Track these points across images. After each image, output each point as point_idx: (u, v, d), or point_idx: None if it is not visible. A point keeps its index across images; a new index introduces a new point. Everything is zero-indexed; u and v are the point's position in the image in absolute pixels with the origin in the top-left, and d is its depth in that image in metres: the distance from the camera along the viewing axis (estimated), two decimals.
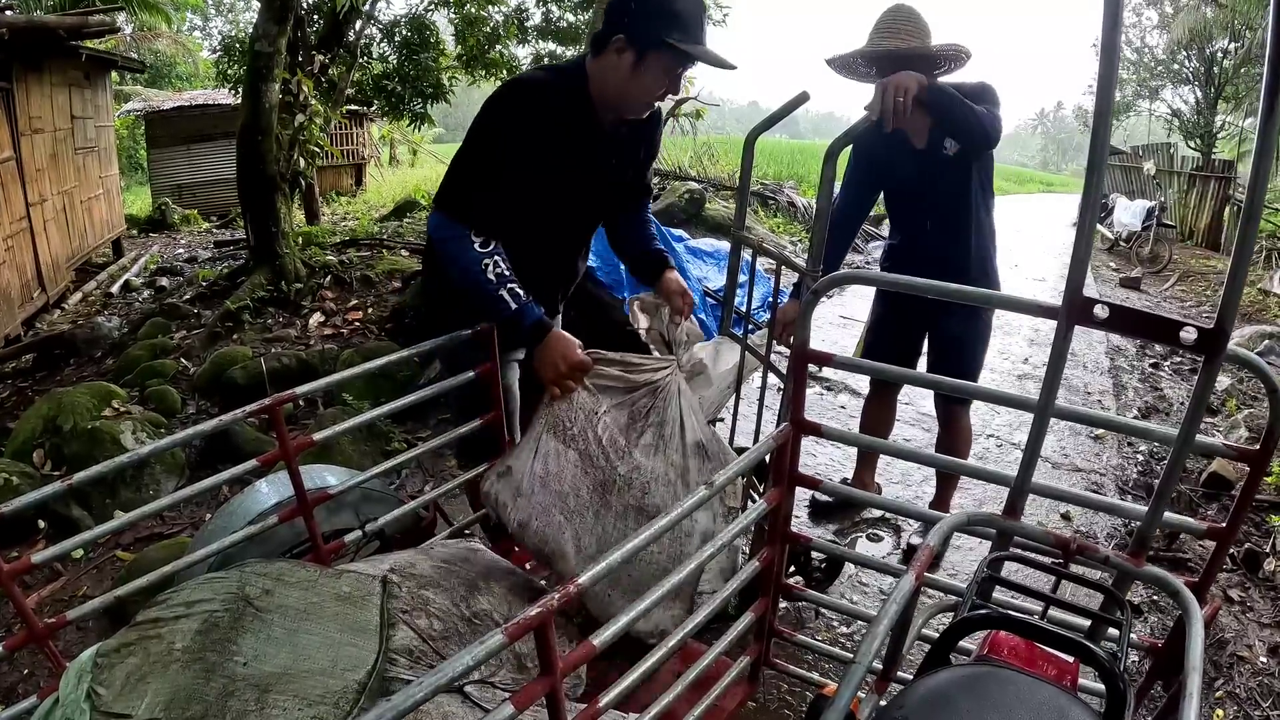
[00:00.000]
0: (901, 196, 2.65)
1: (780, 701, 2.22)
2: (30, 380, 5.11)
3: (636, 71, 1.92)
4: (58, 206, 7.39)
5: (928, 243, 2.54)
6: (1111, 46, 0.90)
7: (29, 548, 3.02)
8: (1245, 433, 3.91)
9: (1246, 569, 2.87)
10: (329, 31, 6.99)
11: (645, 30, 1.88)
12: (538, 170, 1.92)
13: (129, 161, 17.24)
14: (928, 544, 1.05)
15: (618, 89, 1.96)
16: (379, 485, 2.14)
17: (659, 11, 1.88)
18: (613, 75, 1.94)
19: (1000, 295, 1.26)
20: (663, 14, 1.87)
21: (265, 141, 5.43)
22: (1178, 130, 18.73)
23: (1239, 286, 0.96)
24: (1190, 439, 1.06)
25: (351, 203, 14.33)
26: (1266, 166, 0.93)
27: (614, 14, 1.94)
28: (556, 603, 0.91)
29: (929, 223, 2.53)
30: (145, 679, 1.29)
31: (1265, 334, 5.59)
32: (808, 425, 1.54)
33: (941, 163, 2.38)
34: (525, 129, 1.89)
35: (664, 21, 1.87)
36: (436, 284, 2.21)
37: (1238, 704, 2.26)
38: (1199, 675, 0.84)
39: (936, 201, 2.48)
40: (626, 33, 1.90)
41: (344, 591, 1.44)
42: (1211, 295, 8.46)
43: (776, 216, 11.76)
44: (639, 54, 1.90)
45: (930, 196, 2.48)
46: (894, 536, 3.12)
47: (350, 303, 5.60)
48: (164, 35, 17.12)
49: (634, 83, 1.94)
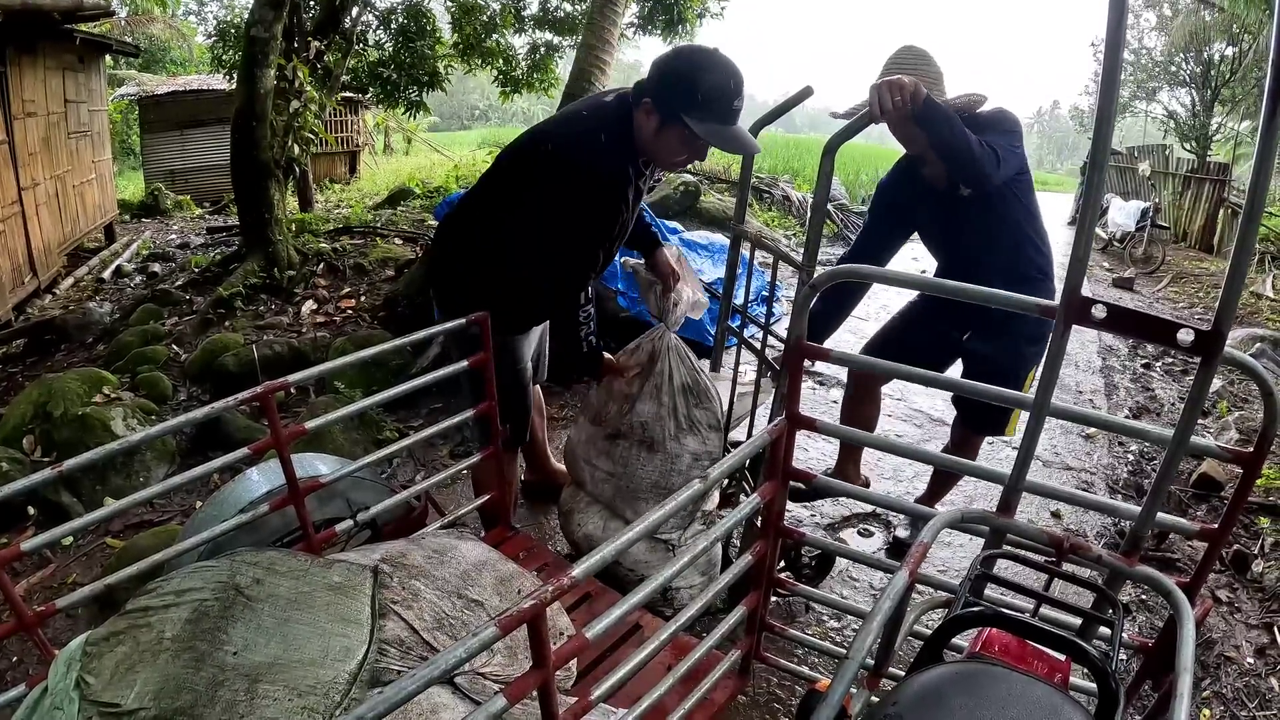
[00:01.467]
0: (930, 237, 2.55)
1: (770, 696, 2.22)
2: (21, 366, 5.07)
3: (659, 136, 2.00)
4: (50, 191, 7.31)
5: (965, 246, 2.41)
6: (1116, 45, 0.90)
7: (19, 534, 3.00)
8: (1236, 434, 3.93)
9: (1235, 570, 2.89)
10: (325, 18, 6.93)
11: (668, 102, 1.95)
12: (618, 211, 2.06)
13: (122, 146, 17.08)
14: (922, 540, 1.05)
15: (647, 146, 2.05)
16: (370, 475, 2.14)
17: (684, 89, 1.93)
18: (642, 133, 2.02)
19: (999, 294, 1.25)
20: (687, 92, 1.93)
21: (259, 128, 5.39)
22: (1173, 132, 18.79)
23: (1237, 289, 0.96)
24: (1186, 440, 1.06)
25: (345, 190, 14.25)
26: (1268, 168, 0.92)
27: (651, 74, 2.01)
28: (550, 595, 0.90)
29: (960, 262, 2.43)
30: (134, 668, 1.28)
31: (1257, 337, 5.62)
32: (802, 420, 1.54)
33: (962, 204, 2.26)
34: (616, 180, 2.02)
35: (686, 100, 1.93)
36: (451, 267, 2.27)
37: (1224, 704, 2.27)
38: (1190, 676, 0.85)
39: (963, 242, 2.39)
40: (653, 98, 1.97)
41: (335, 581, 1.43)
42: (1204, 297, 8.49)
43: (771, 210, 11.75)
44: (661, 122, 1.98)
45: (956, 237, 2.40)
46: (884, 531, 3.13)
47: (343, 290, 5.57)
48: (159, 19, 16.95)
49: (657, 146, 2.03)
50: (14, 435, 3.55)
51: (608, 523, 2.52)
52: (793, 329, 1.47)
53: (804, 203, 11.77)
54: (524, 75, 9.14)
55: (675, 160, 2.08)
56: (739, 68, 1.96)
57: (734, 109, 1.96)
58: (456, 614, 1.52)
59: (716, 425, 2.40)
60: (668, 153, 2.05)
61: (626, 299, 4.25)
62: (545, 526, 3.03)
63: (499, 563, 1.79)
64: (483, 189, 2.20)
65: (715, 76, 1.92)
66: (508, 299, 2.15)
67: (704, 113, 1.92)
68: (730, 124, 1.96)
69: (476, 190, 2.22)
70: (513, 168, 2.14)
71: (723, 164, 13.50)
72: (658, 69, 1.99)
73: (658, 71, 1.98)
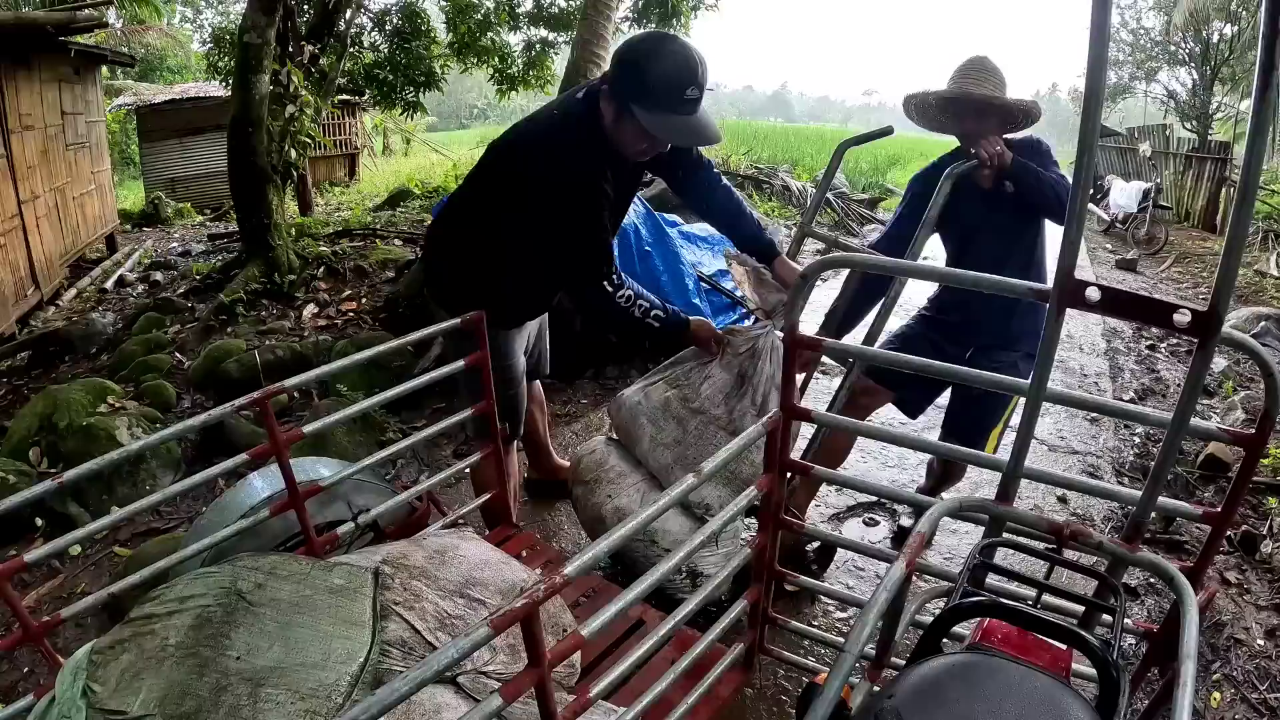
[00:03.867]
0: (952, 234, 2.57)
1: (777, 688, 2.22)
2: (25, 378, 5.09)
3: (618, 127, 1.97)
4: (50, 203, 7.33)
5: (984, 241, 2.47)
6: (1101, 25, 0.88)
7: (28, 545, 3.01)
8: (1242, 415, 3.91)
9: (1244, 551, 2.87)
10: (319, 21, 6.92)
11: (620, 92, 1.91)
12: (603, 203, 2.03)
13: (121, 156, 17.09)
14: (919, 531, 1.04)
15: (612, 137, 2.01)
16: (372, 476, 2.14)
17: (633, 77, 1.89)
18: (605, 124, 1.99)
19: (990, 278, 1.24)
20: (636, 81, 1.88)
21: (256, 133, 5.39)
22: (1174, 112, 18.66)
23: (1233, 268, 0.95)
24: (1185, 423, 1.05)
25: (345, 193, 14.27)
26: (1261, 148, 0.91)
27: (612, 61, 1.98)
28: (543, 594, 0.90)
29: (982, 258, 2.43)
30: (139, 675, 1.29)
31: (1261, 315, 5.58)
32: (799, 411, 1.54)
33: (1004, 200, 2.36)
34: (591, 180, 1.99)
35: (635, 89, 1.89)
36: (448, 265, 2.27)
37: (1235, 686, 2.26)
38: (1193, 663, 0.83)
39: (994, 238, 2.45)
40: (610, 87, 1.94)
41: (336, 584, 1.43)
42: (1208, 277, 8.44)
43: (771, 200, 11.72)
44: (616, 112, 1.95)
45: (989, 232, 2.46)
46: (890, 520, 3.12)
47: (344, 293, 5.58)
48: (154, 28, 16.99)
49: (618, 137, 1.99)
50: (20, 447, 3.56)
51: (646, 495, 2.34)
52: (789, 320, 1.46)
53: (804, 192, 11.74)
54: (520, 73, 9.13)
55: (636, 150, 2.03)
56: (697, 54, 1.89)
57: (686, 99, 1.88)
58: (459, 614, 1.52)
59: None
60: (628, 143, 2.00)
61: None
62: (549, 524, 3.04)
63: (501, 562, 1.78)
64: (469, 192, 2.21)
65: (663, 65, 1.86)
66: (495, 295, 2.14)
67: (652, 102, 1.87)
68: (683, 113, 1.90)
69: (465, 192, 2.23)
70: (491, 176, 2.15)
71: (720, 155, 13.46)
72: (616, 56, 1.95)
73: (616, 59, 1.95)
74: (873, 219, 11.47)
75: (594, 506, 2.39)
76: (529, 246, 2.11)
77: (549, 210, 2.01)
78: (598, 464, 2.45)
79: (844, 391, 2.41)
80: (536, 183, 2.01)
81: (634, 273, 4.26)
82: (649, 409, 2.37)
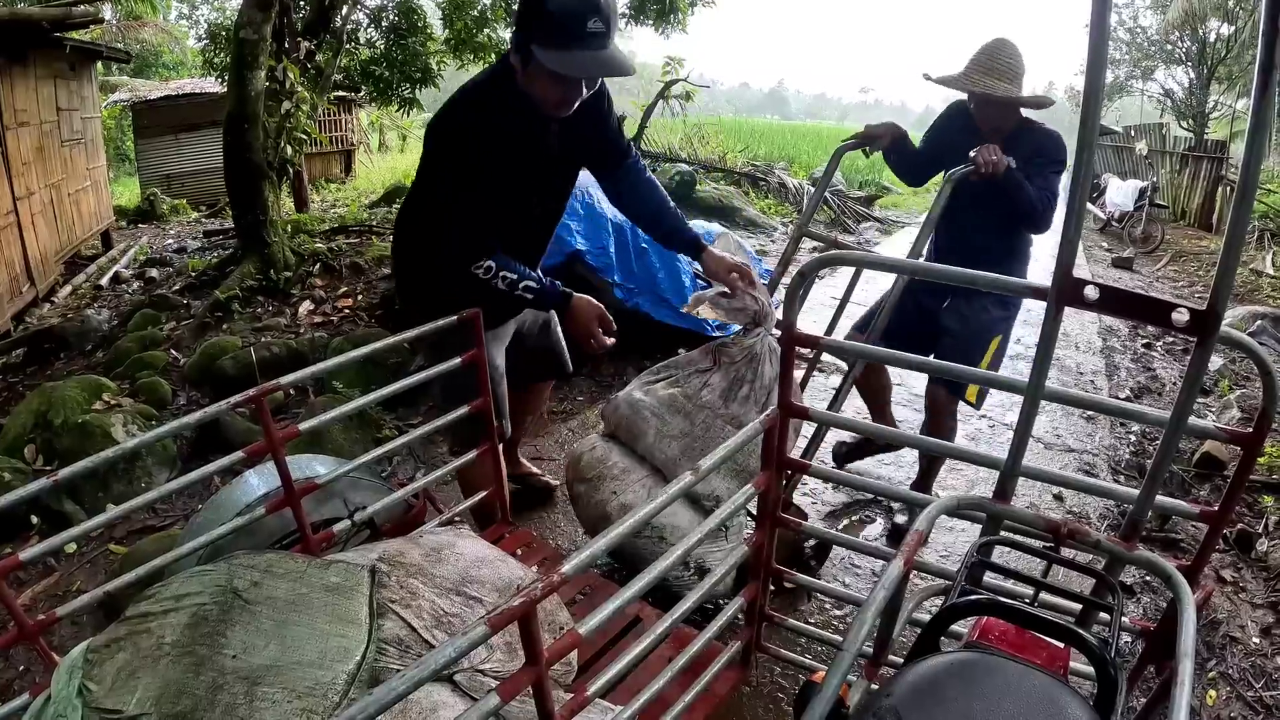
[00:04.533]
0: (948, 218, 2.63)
1: (774, 686, 2.22)
2: (20, 375, 5.07)
3: (528, 79, 1.84)
4: (45, 200, 7.31)
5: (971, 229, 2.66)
6: (1101, 24, 0.88)
7: (23, 543, 3.00)
8: (1238, 413, 3.92)
9: (1239, 549, 2.88)
10: (315, 17, 6.89)
11: (523, 36, 1.78)
12: (502, 166, 1.89)
13: (116, 152, 17.05)
14: (916, 529, 1.04)
15: (528, 93, 1.87)
16: (368, 473, 2.14)
17: (530, 15, 1.76)
18: (519, 79, 1.86)
19: (988, 276, 1.24)
20: (536, 15, 1.74)
21: (252, 130, 5.37)
22: (1170, 110, 18.69)
23: (1232, 267, 0.95)
24: (1183, 422, 1.05)
25: (341, 189, 14.24)
26: (1261, 146, 0.91)
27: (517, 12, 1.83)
28: (540, 592, 0.90)
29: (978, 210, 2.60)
30: (135, 674, 1.28)
31: (1258, 314, 5.60)
32: (796, 409, 1.53)
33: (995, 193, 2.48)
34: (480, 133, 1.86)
35: (536, 27, 1.75)
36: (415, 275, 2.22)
37: (1230, 685, 2.27)
38: (1191, 661, 0.83)
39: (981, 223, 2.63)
40: (512, 36, 1.82)
41: (332, 582, 1.43)
42: (1204, 275, 8.46)
43: (768, 198, 11.72)
44: (523, 61, 1.82)
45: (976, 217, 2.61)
46: (885, 518, 3.12)
47: (340, 290, 5.56)
48: (150, 24, 16.90)
49: (532, 89, 1.86)
50: (15, 445, 3.55)
51: (653, 490, 2.28)
52: (786, 316, 1.46)
53: (800, 189, 11.74)
54: None
55: (553, 101, 1.86)
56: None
57: (590, 30, 1.72)
58: (455, 611, 1.52)
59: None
60: (543, 94, 1.84)
61: (623, 290, 4.22)
62: (537, 527, 3.02)
63: (498, 559, 1.78)
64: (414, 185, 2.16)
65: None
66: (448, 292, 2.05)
67: (553, 38, 1.72)
68: (587, 49, 1.74)
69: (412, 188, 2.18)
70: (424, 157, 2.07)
71: (718, 152, 13.46)
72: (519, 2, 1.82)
73: (518, 5, 1.82)
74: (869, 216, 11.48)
75: (598, 504, 2.33)
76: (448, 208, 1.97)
77: (460, 168, 1.89)
78: (599, 461, 2.40)
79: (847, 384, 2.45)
80: (447, 139, 1.91)
81: (631, 270, 4.25)
82: (652, 404, 2.33)
